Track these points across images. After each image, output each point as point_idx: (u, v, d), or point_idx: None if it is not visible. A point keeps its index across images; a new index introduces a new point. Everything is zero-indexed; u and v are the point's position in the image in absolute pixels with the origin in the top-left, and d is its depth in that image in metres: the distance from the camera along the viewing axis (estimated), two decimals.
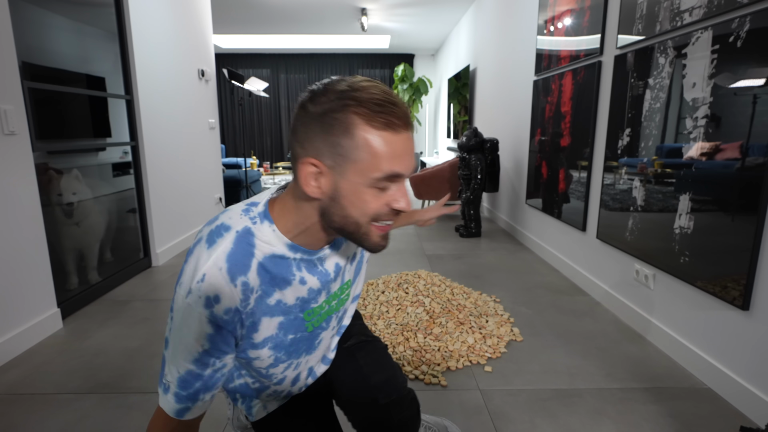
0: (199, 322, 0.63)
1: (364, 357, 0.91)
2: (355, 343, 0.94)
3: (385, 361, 0.92)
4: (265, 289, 0.69)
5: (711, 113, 1.50)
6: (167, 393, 0.68)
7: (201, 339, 0.64)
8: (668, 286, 1.76)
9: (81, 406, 1.44)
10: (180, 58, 3.25)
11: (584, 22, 2.43)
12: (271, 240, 0.69)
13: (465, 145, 3.57)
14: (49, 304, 1.96)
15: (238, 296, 0.65)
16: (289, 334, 0.76)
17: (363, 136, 0.60)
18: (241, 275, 0.65)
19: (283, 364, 0.79)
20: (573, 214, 2.56)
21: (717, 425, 1.33)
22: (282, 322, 0.74)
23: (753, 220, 1.34)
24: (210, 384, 0.69)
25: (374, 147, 0.60)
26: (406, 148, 0.62)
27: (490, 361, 1.70)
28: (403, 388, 0.90)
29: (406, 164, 0.63)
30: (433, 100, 8.68)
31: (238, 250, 0.66)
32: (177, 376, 0.67)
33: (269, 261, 0.68)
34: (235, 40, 7.38)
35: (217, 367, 0.68)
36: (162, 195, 3.00)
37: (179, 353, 0.66)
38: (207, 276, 0.63)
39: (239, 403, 0.92)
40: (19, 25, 1.86)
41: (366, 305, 2.18)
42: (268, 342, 0.74)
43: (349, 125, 0.60)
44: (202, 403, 0.70)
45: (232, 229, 0.67)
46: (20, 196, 1.81)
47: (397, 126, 0.61)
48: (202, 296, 0.62)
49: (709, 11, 1.51)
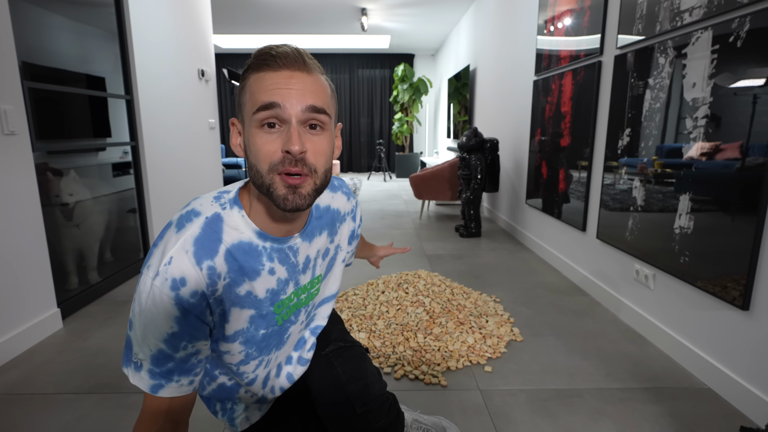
0: (166, 305, 0.64)
1: (341, 364, 0.89)
2: (334, 350, 0.92)
3: (362, 369, 0.90)
4: (233, 277, 0.69)
5: (711, 113, 1.50)
6: (140, 370, 0.68)
7: (169, 321, 0.65)
8: (668, 286, 1.76)
9: (81, 406, 1.44)
10: (180, 58, 3.25)
11: (584, 22, 2.43)
12: (240, 226, 0.70)
13: (465, 145, 3.57)
14: (49, 304, 1.96)
15: (204, 280, 0.66)
16: (261, 328, 0.76)
17: (247, 83, 0.65)
18: (207, 259, 0.66)
19: (254, 361, 0.79)
20: (573, 214, 2.56)
21: (717, 425, 1.33)
22: (253, 315, 0.74)
23: (753, 220, 1.34)
24: (184, 368, 0.69)
25: (252, 86, 0.64)
26: (285, 81, 0.62)
27: (490, 361, 1.70)
28: (380, 396, 0.89)
29: (285, 96, 0.62)
30: (433, 100, 8.68)
31: (206, 235, 0.67)
32: (149, 354, 0.67)
33: (237, 248, 0.69)
34: (235, 40, 7.38)
35: (189, 351, 0.68)
36: (162, 195, 3.00)
37: (150, 332, 0.65)
38: (174, 258, 0.64)
39: (219, 416, 0.91)
40: (19, 25, 1.86)
41: (366, 305, 2.18)
42: (239, 336, 0.74)
43: (242, 80, 0.66)
44: (177, 385, 0.69)
45: (201, 215, 0.68)
46: (20, 196, 1.81)
47: (274, 64, 0.63)
48: (169, 278, 0.63)
49: (709, 11, 1.51)
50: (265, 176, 0.63)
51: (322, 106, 0.64)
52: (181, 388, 0.70)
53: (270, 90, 0.62)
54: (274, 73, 0.62)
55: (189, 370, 0.69)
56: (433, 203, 5.39)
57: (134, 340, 0.67)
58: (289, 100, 0.62)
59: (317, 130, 0.65)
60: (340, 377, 0.87)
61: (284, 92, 0.62)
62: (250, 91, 0.64)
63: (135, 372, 0.68)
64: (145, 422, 0.70)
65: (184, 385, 0.70)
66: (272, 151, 0.63)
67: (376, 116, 9.02)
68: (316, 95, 0.64)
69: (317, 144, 0.65)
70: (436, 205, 5.35)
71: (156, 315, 0.64)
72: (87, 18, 2.37)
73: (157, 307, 0.64)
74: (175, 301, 0.64)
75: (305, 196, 0.65)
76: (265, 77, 0.63)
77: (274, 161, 0.63)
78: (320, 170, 0.66)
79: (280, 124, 0.63)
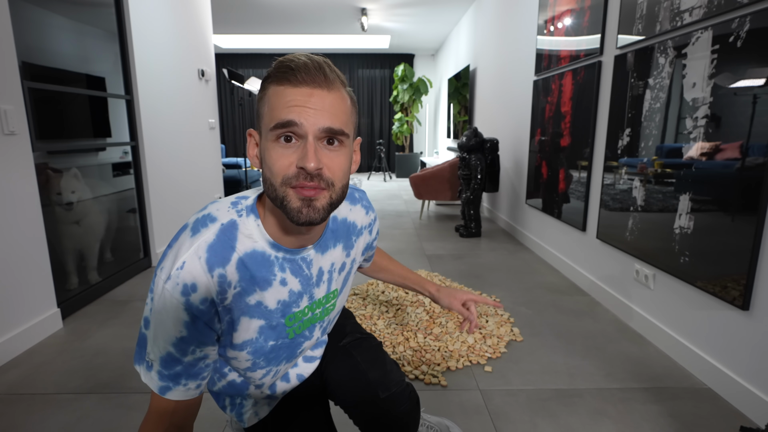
0: (176, 309, 0.64)
1: (360, 354, 0.92)
2: (351, 341, 0.94)
3: (381, 357, 0.93)
4: (244, 286, 0.69)
5: (711, 113, 1.50)
6: (150, 370, 0.68)
7: (178, 325, 0.65)
8: (668, 286, 1.76)
9: (81, 406, 1.44)
10: (180, 58, 3.25)
11: (584, 22, 2.43)
12: (254, 234, 0.69)
13: (465, 145, 3.57)
14: (49, 304, 1.96)
15: (215, 288, 0.66)
16: (270, 340, 0.76)
17: (266, 94, 0.64)
18: (219, 267, 0.66)
19: (262, 370, 0.79)
20: (573, 214, 2.56)
21: (717, 425, 1.33)
22: (263, 326, 0.73)
23: (753, 220, 1.34)
24: (192, 372, 0.69)
25: (271, 99, 0.63)
26: (304, 99, 0.61)
27: (490, 361, 1.70)
28: (402, 381, 0.91)
29: (303, 115, 0.61)
30: (433, 100, 8.68)
31: (220, 242, 0.66)
32: (159, 355, 0.67)
33: (249, 257, 0.69)
34: (235, 40, 7.38)
35: (197, 356, 0.68)
36: (162, 195, 3.00)
37: (160, 334, 0.66)
38: (186, 263, 0.64)
39: (228, 411, 0.91)
40: (19, 25, 1.86)
41: (366, 305, 2.18)
42: (247, 346, 0.73)
43: (262, 90, 0.65)
44: (184, 389, 0.69)
45: (217, 220, 0.68)
46: (20, 196, 1.81)
47: (294, 79, 0.61)
48: (180, 283, 0.63)
49: (709, 11, 1.51)
50: (278, 189, 0.63)
51: (341, 128, 0.63)
52: (188, 392, 0.70)
53: (289, 107, 0.61)
54: (294, 89, 0.61)
55: (197, 374, 0.70)
56: (433, 203, 5.39)
57: (148, 338, 0.68)
58: (307, 119, 0.61)
59: (335, 145, 0.64)
60: (360, 365, 0.89)
61: (302, 110, 0.61)
62: (269, 104, 0.63)
63: (146, 371, 0.69)
64: (150, 423, 0.70)
65: (192, 389, 0.70)
66: (287, 165, 0.62)
67: (376, 116, 9.03)
68: (335, 116, 0.62)
69: (334, 160, 0.64)
70: (436, 205, 5.35)
71: (166, 318, 0.64)
72: (87, 18, 2.37)
73: (167, 310, 0.64)
74: (184, 306, 0.64)
75: (319, 209, 0.64)
76: (285, 92, 0.61)
77: (287, 175, 0.62)
78: (337, 185, 0.65)
79: (296, 138, 0.62)
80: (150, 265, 2.91)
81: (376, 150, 8.76)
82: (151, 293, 0.66)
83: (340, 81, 0.65)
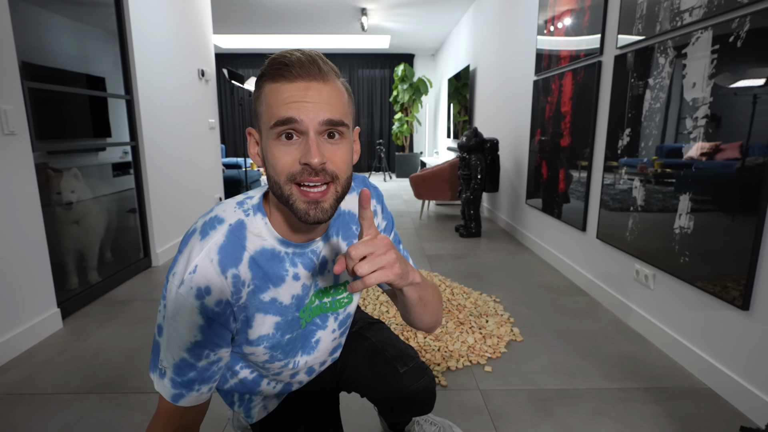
0: (190, 313, 0.64)
1: (374, 335, 0.97)
2: (362, 326, 1.00)
3: (394, 337, 0.98)
4: (258, 284, 0.69)
5: (711, 113, 1.50)
6: (163, 378, 0.69)
7: (193, 330, 0.65)
8: (668, 286, 1.76)
9: (81, 406, 1.44)
10: (180, 58, 3.25)
11: (584, 22, 2.43)
12: (262, 232, 0.70)
13: (465, 145, 3.57)
14: (49, 304, 1.96)
15: (229, 288, 0.66)
16: (287, 333, 0.77)
17: (263, 92, 0.64)
18: (231, 267, 0.66)
19: (280, 362, 0.80)
20: (573, 214, 2.56)
21: (717, 425, 1.33)
22: (279, 322, 0.74)
23: (753, 220, 1.33)
24: (205, 376, 0.69)
25: (268, 97, 0.63)
26: (301, 94, 0.61)
27: (490, 361, 1.70)
28: (417, 357, 0.96)
29: (301, 110, 0.60)
30: (433, 100, 8.68)
31: (230, 242, 0.67)
32: (173, 362, 0.67)
33: (260, 255, 0.69)
34: (235, 40, 7.38)
35: (211, 359, 0.69)
36: (162, 195, 3.00)
37: (173, 341, 0.66)
38: (199, 267, 0.64)
39: (236, 407, 0.92)
40: (19, 25, 1.86)
41: (366, 305, 2.18)
42: (263, 341, 0.74)
43: (258, 88, 0.65)
44: (197, 394, 0.70)
45: (225, 222, 0.68)
46: (20, 196, 1.81)
47: (289, 75, 0.61)
48: (194, 287, 0.63)
49: (709, 11, 1.51)
50: (283, 186, 0.63)
51: (340, 118, 0.63)
52: (200, 396, 0.71)
53: (287, 104, 0.61)
54: (290, 84, 0.61)
55: (209, 378, 0.70)
56: (433, 203, 5.38)
57: (162, 345, 0.68)
58: (306, 114, 0.61)
59: (336, 138, 0.64)
60: (376, 345, 0.94)
61: (300, 106, 0.60)
62: (266, 102, 0.63)
63: (159, 379, 0.69)
64: (159, 424, 0.71)
65: (204, 393, 0.71)
66: (290, 162, 0.62)
67: (376, 116, 9.02)
68: (333, 107, 0.63)
69: (336, 153, 0.64)
70: (436, 205, 5.35)
71: (180, 323, 0.65)
72: (87, 18, 2.37)
73: (182, 315, 0.64)
74: (199, 310, 0.64)
75: (327, 209, 0.64)
76: (281, 89, 0.61)
77: (292, 172, 0.62)
78: (342, 177, 0.65)
79: (297, 135, 0.62)
80: (150, 265, 2.91)
81: (376, 150, 8.76)
82: (164, 300, 0.66)
83: (334, 73, 0.65)
